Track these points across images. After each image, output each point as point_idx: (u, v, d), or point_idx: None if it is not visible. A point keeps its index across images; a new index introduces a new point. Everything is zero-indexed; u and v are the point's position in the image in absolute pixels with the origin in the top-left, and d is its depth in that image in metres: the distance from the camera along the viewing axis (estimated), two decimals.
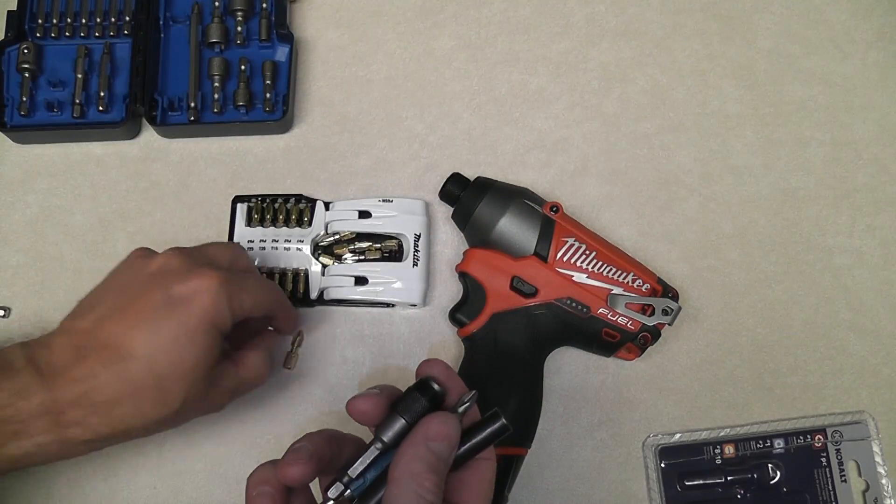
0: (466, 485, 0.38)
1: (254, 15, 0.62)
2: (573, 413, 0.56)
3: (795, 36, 0.63)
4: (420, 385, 0.38)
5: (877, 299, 0.58)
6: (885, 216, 0.60)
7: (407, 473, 0.35)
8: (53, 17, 0.61)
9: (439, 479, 0.36)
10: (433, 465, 0.36)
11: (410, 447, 0.36)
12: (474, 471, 0.38)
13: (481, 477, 0.39)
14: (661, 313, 0.52)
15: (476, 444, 0.38)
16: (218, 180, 0.60)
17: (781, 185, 0.60)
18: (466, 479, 0.38)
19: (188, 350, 0.43)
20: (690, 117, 0.62)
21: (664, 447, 0.55)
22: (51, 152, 0.61)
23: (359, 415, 0.38)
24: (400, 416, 0.37)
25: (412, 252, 0.56)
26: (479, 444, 0.38)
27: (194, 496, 0.55)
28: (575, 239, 0.53)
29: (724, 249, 0.59)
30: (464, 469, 0.38)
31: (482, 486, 0.38)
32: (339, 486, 0.37)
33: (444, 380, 0.39)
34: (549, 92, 0.62)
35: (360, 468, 0.37)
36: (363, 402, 0.38)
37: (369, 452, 0.37)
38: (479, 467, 0.39)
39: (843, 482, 0.54)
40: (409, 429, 0.37)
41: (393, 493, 0.35)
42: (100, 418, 0.42)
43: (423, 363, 0.40)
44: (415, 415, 0.37)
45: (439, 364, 0.40)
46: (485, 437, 0.38)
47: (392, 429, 0.37)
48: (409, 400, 0.38)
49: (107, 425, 0.42)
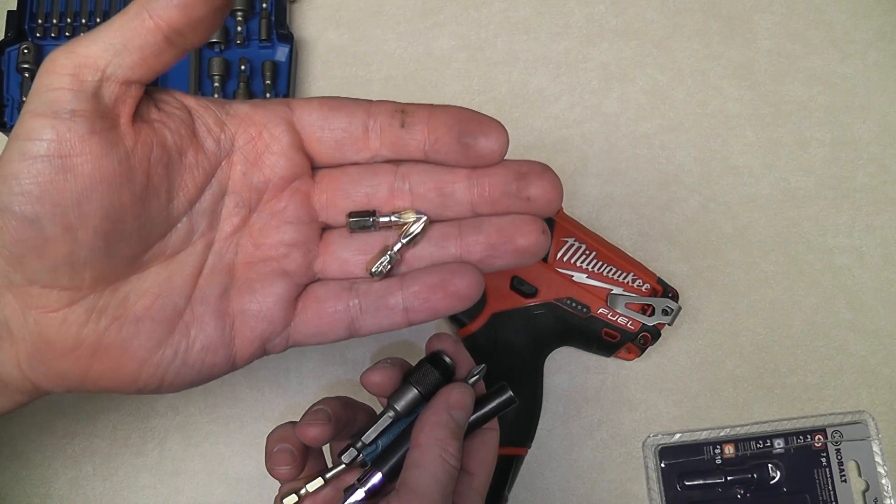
0: (474, 451, 0.40)
1: (254, 15, 0.62)
2: (573, 413, 0.56)
3: (795, 36, 0.63)
4: (432, 358, 0.40)
5: (877, 299, 0.58)
6: (885, 216, 0.60)
7: (433, 438, 0.37)
8: (53, 17, 0.61)
9: (459, 445, 0.38)
10: (454, 432, 0.38)
11: (434, 415, 0.38)
12: (481, 439, 0.40)
13: (487, 445, 0.41)
14: (661, 313, 0.52)
15: (485, 414, 0.40)
16: None
17: (781, 185, 0.60)
18: (474, 447, 0.40)
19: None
20: (690, 117, 0.62)
21: (664, 447, 0.55)
22: None
23: (373, 385, 0.40)
24: (413, 387, 0.39)
25: None
26: (487, 413, 0.40)
27: (194, 496, 0.55)
28: (575, 239, 0.53)
29: (724, 249, 0.59)
30: (470, 438, 0.40)
31: (488, 453, 0.40)
32: (353, 451, 0.39)
33: (453, 353, 0.41)
34: (549, 92, 0.62)
35: (373, 435, 0.39)
36: (377, 374, 0.40)
37: (382, 420, 0.39)
38: (484, 436, 0.41)
39: (843, 482, 0.54)
40: (421, 399, 0.39)
41: (418, 457, 0.37)
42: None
43: (432, 337, 0.42)
44: (428, 386, 0.39)
45: (448, 339, 0.41)
46: (493, 407, 0.40)
47: (405, 399, 0.39)
48: (423, 372, 0.39)
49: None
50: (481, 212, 0.37)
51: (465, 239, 0.37)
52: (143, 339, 0.34)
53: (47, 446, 0.55)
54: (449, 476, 0.37)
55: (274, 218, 0.37)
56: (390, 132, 0.37)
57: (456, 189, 0.37)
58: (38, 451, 0.55)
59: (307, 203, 0.37)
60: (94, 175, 0.31)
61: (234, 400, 0.56)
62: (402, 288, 0.37)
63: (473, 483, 0.39)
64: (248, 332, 0.36)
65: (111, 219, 0.32)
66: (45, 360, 0.33)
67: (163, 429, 0.56)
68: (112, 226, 0.32)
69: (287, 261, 0.37)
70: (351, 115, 0.38)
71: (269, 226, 0.37)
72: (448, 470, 0.37)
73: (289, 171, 0.37)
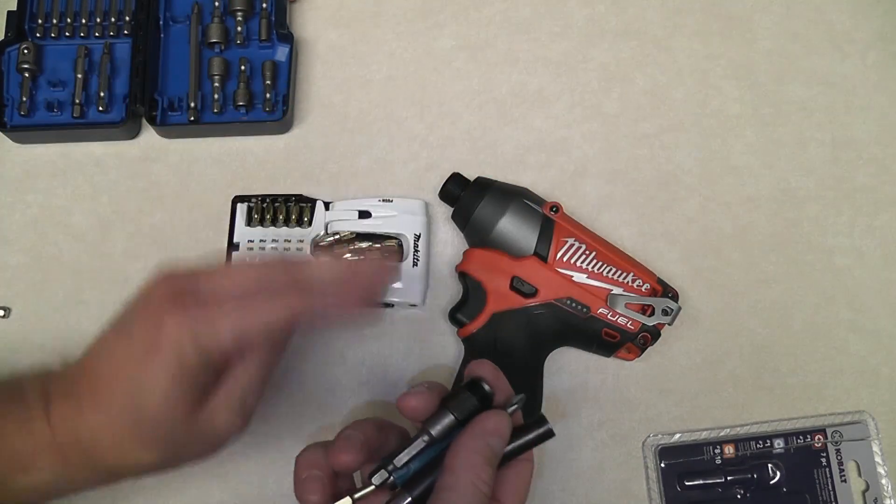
0: (507, 482, 0.40)
1: (254, 15, 0.62)
2: (573, 413, 0.56)
3: (795, 36, 0.63)
4: (471, 384, 0.40)
5: (877, 299, 0.58)
6: (885, 216, 0.60)
7: (467, 463, 0.37)
8: (53, 17, 0.61)
9: (493, 472, 0.38)
10: (489, 459, 0.38)
11: (470, 440, 0.38)
12: (515, 470, 0.40)
13: (521, 476, 0.41)
14: (661, 313, 0.52)
15: (522, 445, 0.40)
16: (218, 180, 0.60)
17: (781, 185, 0.60)
18: (508, 478, 0.40)
19: (160, 396, 0.39)
20: (690, 117, 0.62)
21: (664, 447, 0.55)
22: (51, 152, 0.61)
23: (409, 410, 0.40)
24: (450, 413, 0.39)
25: (412, 252, 0.56)
26: (524, 444, 0.40)
27: (194, 496, 0.55)
28: (575, 239, 0.53)
29: (724, 249, 0.59)
30: (505, 468, 0.40)
31: (521, 484, 0.40)
32: (384, 473, 0.38)
33: (492, 381, 0.41)
34: (549, 92, 0.62)
35: (405, 458, 0.38)
36: (415, 399, 0.40)
37: (416, 444, 0.39)
38: (519, 467, 0.40)
39: (843, 482, 0.54)
40: (457, 425, 0.39)
41: (451, 481, 0.37)
42: (93, 459, 0.40)
43: (472, 363, 0.42)
44: (465, 412, 0.39)
45: (489, 366, 0.41)
46: (530, 439, 0.40)
47: (441, 423, 0.39)
48: (461, 398, 0.39)
49: (101, 467, 0.41)
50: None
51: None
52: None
53: None
54: (479, 503, 0.37)
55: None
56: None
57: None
58: None
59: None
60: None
61: None
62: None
63: None
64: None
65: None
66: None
67: None
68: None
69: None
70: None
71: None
72: (479, 497, 0.37)
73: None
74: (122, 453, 0.40)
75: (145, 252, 0.59)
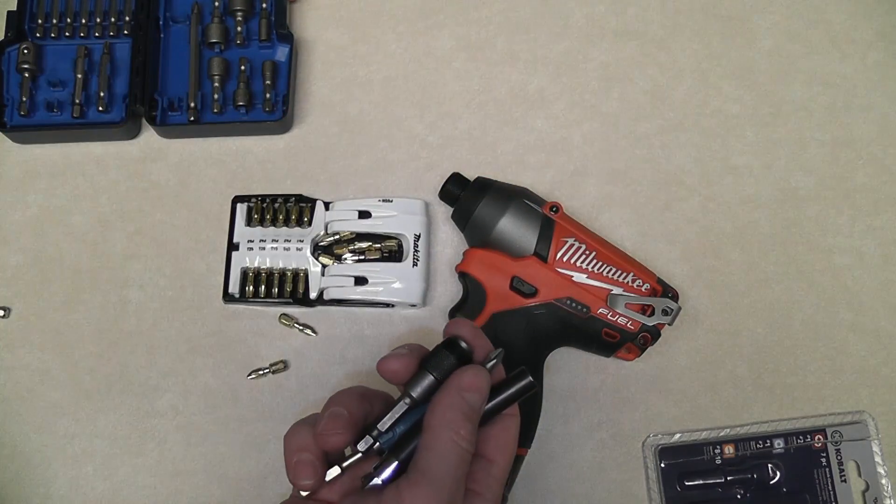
0: (493, 438, 0.39)
1: (254, 15, 0.61)
2: (573, 413, 0.56)
3: (795, 36, 0.63)
4: (448, 343, 0.39)
5: (877, 299, 0.58)
6: (885, 216, 0.60)
7: (443, 421, 0.37)
8: (53, 17, 0.61)
9: (473, 428, 0.37)
10: (467, 414, 0.37)
11: (445, 396, 0.37)
12: (500, 426, 0.40)
13: (507, 432, 0.40)
14: (661, 313, 0.52)
15: (504, 400, 0.39)
16: (218, 180, 0.60)
17: (781, 185, 0.60)
18: (493, 434, 0.39)
19: None
20: (690, 117, 0.61)
21: (664, 447, 0.55)
22: (51, 152, 0.61)
23: (389, 374, 0.39)
24: (429, 373, 0.39)
25: (412, 252, 0.56)
26: (506, 399, 0.39)
27: (194, 496, 0.55)
28: (575, 239, 0.53)
29: (724, 249, 0.59)
30: (490, 424, 0.39)
31: (507, 440, 0.40)
32: (369, 439, 0.38)
33: (470, 339, 0.40)
34: (549, 92, 0.62)
35: (388, 422, 0.38)
36: (394, 362, 0.39)
37: (398, 407, 0.39)
38: (504, 423, 0.40)
39: (843, 482, 0.54)
40: (437, 385, 0.38)
41: (429, 440, 0.37)
42: None
43: (449, 323, 0.41)
44: (443, 371, 0.39)
45: (466, 324, 0.41)
46: (512, 392, 0.39)
47: (421, 385, 0.39)
48: (439, 357, 0.39)
49: None
50: None
51: None
52: None
53: (47, 446, 0.55)
54: (460, 459, 0.36)
55: None
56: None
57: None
58: (38, 451, 0.55)
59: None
60: None
61: (234, 400, 0.56)
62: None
63: (492, 470, 0.39)
64: None
65: None
66: None
67: (163, 429, 0.56)
68: None
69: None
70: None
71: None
72: (459, 453, 0.36)
73: None
74: None
75: (145, 252, 0.59)
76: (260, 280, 0.56)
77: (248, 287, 0.56)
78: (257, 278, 0.57)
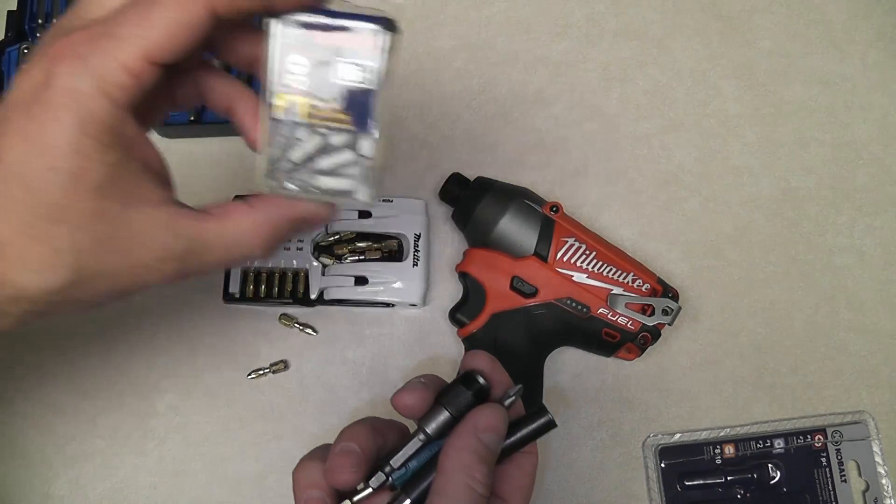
0: (509, 477, 0.38)
1: None
2: (573, 413, 0.56)
3: (795, 36, 0.63)
4: (465, 378, 0.38)
5: (877, 299, 0.58)
6: (885, 216, 0.60)
7: (458, 465, 0.35)
8: (53, 17, 0.61)
9: (489, 470, 0.36)
10: (483, 457, 0.36)
11: (460, 438, 0.36)
12: (517, 464, 0.38)
13: (524, 470, 0.38)
14: (661, 313, 0.52)
15: (522, 438, 0.38)
16: (218, 180, 0.60)
17: (781, 185, 0.60)
18: (509, 472, 0.38)
19: (60, 172, 0.30)
20: (690, 117, 0.62)
21: (664, 447, 0.55)
22: None
23: (404, 409, 0.38)
24: (445, 409, 0.37)
25: (412, 252, 0.56)
26: (525, 437, 0.38)
27: (194, 496, 0.55)
28: (575, 239, 0.53)
29: (724, 249, 0.59)
30: (507, 462, 0.38)
31: (525, 479, 0.38)
32: (381, 475, 0.37)
33: (488, 373, 0.39)
34: (549, 92, 0.62)
35: (402, 459, 0.37)
36: (409, 396, 0.38)
37: (412, 444, 0.37)
38: (521, 460, 0.38)
39: (843, 482, 0.54)
40: (453, 421, 0.37)
41: (443, 483, 0.35)
42: None
43: (467, 355, 0.40)
44: (460, 408, 0.37)
45: (484, 357, 0.39)
46: (531, 430, 0.38)
47: (436, 421, 0.37)
48: (454, 393, 0.38)
49: None
50: None
51: None
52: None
53: (47, 446, 0.55)
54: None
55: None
56: None
57: None
58: (38, 451, 0.55)
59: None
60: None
61: (233, 400, 0.56)
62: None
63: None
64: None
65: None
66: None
67: (163, 429, 0.56)
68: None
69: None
70: None
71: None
72: (474, 498, 0.35)
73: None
74: (11, 266, 0.31)
75: None
76: (260, 280, 0.56)
77: (248, 287, 0.56)
78: (257, 278, 0.57)
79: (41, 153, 0.30)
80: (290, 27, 0.33)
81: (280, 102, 0.33)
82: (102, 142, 0.30)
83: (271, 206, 0.35)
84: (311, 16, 0.33)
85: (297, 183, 0.34)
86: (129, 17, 0.30)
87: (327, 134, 0.34)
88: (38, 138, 0.30)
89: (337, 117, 0.33)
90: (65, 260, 0.31)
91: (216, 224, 0.34)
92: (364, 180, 0.34)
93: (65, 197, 0.30)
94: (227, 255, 0.35)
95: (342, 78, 0.33)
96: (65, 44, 0.30)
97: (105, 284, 0.33)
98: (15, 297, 0.32)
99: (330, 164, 0.34)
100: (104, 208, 0.31)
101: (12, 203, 0.30)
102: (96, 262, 0.32)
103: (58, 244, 0.31)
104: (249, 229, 0.35)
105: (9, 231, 0.30)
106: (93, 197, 0.31)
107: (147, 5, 0.30)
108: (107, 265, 0.32)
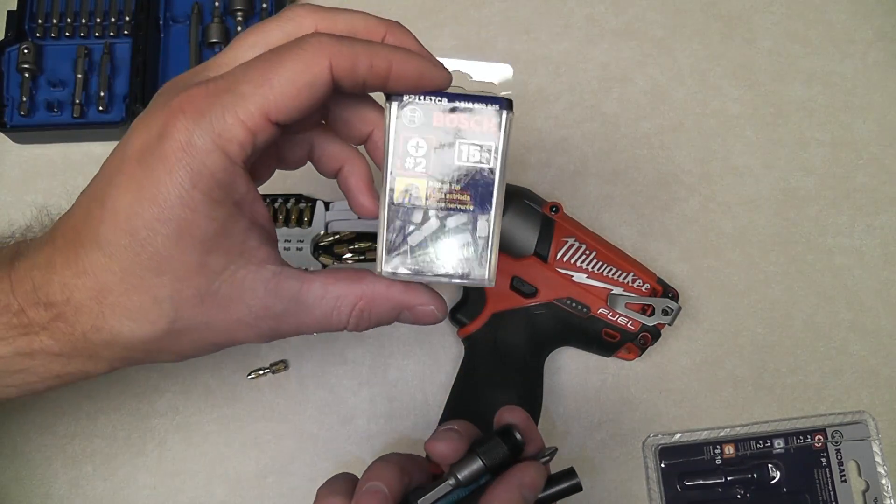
0: None
1: (254, 15, 0.62)
2: (573, 413, 0.56)
3: (795, 36, 0.63)
4: (503, 432, 0.39)
5: (877, 299, 0.58)
6: (885, 216, 0.60)
7: None
8: (53, 17, 0.61)
9: None
10: None
11: (505, 491, 0.37)
12: None
13: None
14: (661, 313, 0.52)
15: (550, 496, 0.39)
16: None
17: (781, 185, 0.60)
18: None
19: (155, 220, 0.30)
20: (690, 117, 0.62)
21: (664, 447, 0.55)
22: (51, 152, 0.61)
23: (439, 456, 0.38)
24: (479, 459, 0.38)
25: None
26: (553, 496, 0.39)
27: (194, 496, 0.55)
28: (575, 239, 0.53)
29: (724, 249, 0.59)
30: None
31: None
32: None
33: (524, 430, 0.39)
34: (549, 92, 0.62)
35: (430, 500, 0.38)
36: (444, 446, 0.38)
37: (442, 487, 0.38)
38: None
39: (843, 482, 0.54)
40: (485, 471, 0.38)
41: None
42: (65, 322, 0.32)
43: (504, 409, 0.40)
44: (495, 460, 0.38)
45: (521, 414, 0.40)
46: (558, 490, 0.40)
47: (469, 468, 0.38)
48: (492, 445, 0.38)
49: (75, 333, 0.32)
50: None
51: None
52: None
53: (47, 446, 0.55)
54: None
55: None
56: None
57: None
58: (38, 451, 0.55)
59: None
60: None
61: (234, 400, 0.56)
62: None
63: None
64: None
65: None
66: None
67: (163, 429, 0.56)
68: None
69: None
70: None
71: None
72: None
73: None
74: (106, 311, 0.31)
75: None
76: None
77: None
78: None
79: (151, 204, 0.30)
80: (410, 110, 0.33)
81: (399, 186, 0.33)
82: (213, 196, 0.30)
83: (379, 286, 0.35)
84: (431, 98, 0.33)
85: (410, 267, 0.34)
86: (250, 75, 0.31)
87: (444, 216, 0.33)
88: (149, 189, 0.30)
89: (457, 199, 0.33)
90: (164, 311, 0.31)
91: (320, 288, 0.34)
92: (479, 260, 0.34)
93: (170, 249, 0.30)
94: (323, 322, 0.35)
95: (463, 159, 0.33)
96: (184, 98, 0.30)
97: (200, 338, 0.33)
98: (109, 343, 0.32)
99: (446, 246, 0.34)
100: (208, 262, 0.31)
101: (118, 250, 0.30)
102: (194, 316, 0.32)
103: (158, 294, 0.31)
104: (350, 302, 0.34)
105: (112, 278, 0.31)
106: (198, 251, 0.31)
107: (270, 64, 0.31)
108: (204, 319, 0.32)
